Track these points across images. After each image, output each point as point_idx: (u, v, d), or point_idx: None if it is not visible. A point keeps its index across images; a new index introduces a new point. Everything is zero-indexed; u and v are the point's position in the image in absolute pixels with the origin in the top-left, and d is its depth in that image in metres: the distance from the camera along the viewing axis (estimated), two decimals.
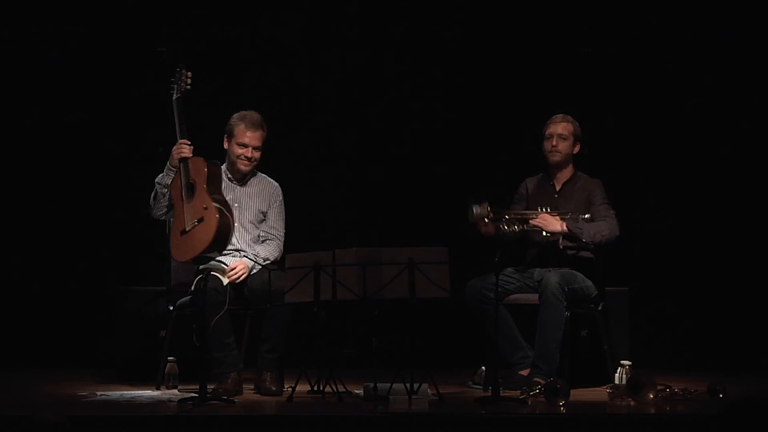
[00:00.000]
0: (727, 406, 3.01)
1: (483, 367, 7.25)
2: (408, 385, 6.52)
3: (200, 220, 6.89)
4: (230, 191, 7.22)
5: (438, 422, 5.99)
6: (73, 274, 8.61)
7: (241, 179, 7.26)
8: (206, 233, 6.86)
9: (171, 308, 7.22)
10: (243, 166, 7.19)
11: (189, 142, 7.06)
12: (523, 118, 8.68)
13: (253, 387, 7.04)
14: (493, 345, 6.81)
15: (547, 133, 7.39)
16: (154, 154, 8.60)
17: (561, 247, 7.23)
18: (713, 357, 8.42)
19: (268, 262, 7.09)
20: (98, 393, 6.86)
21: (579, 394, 6.84)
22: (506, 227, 7.14)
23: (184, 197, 6.99)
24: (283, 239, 7.25)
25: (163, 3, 8.66)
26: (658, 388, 6.51)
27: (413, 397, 6.51)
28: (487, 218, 7.05)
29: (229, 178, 7.25)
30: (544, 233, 7.20)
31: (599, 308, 7.37)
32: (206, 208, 6.89)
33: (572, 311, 7.28)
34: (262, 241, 7.23)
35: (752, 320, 8.56)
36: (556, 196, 7.40)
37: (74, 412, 6.01)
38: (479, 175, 8.54)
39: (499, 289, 6.82)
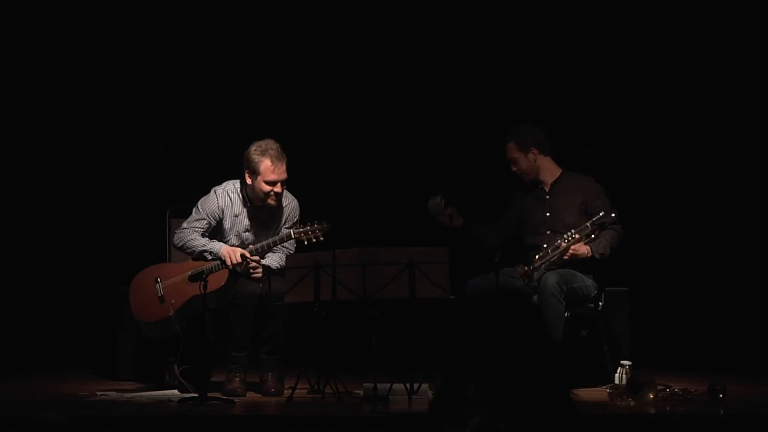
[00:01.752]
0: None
1: None
2: (408, 385, 6.52)
3: (161, 299, 6.91)
4: (246, 212, 7.10)
5: None
6: (73, 274, 8.61)
7: (261, 203, 7.08)
8: (152, 313, 6.92)
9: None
10: (273, 202, 7.02)
11: (247, 256, 6.90)
12: (524, 117, 8.68)
13: (256, 388, 7.03)
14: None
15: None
16: (154, 154, 8.63)
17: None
18: (713, 357, 8.42)
19: (278, 266, 7.07)
20: (98, 393, 6.87)
21: (579, 393, 6.84)
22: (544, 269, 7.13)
23: (188, 275, 6.95)
24: (290, 252, 7.14)
25: (164, 3, 8.66)
26: (658, 388, 6.51)
27: (413, 397, 6.51)
28: (526, 277, 7.08)
29: (249, 205, 7.08)
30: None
31: (599, 308, 7.37)
32: (172, 303, 6.88)
33: (572, 311, 7.28)
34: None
35: (752, 320, 8.56)
36: (547, 197, 7.37)
37: (74, 412, 6.01)
38: (479, 175, 8.54)
39: (500, 285, 6.81)
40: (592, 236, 7.12)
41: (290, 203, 7.16)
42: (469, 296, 7.18)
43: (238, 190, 7.09)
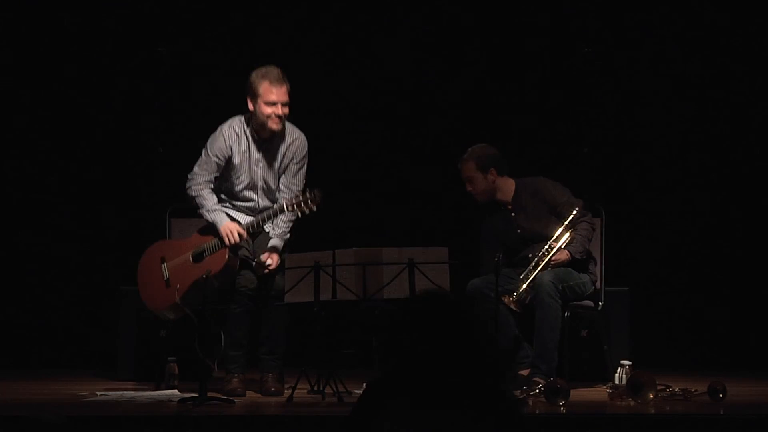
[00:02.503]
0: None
1: None
2: None
3: (167, 283, 6.86)
4: (255, 150, 7.02)
5: None
6: (73, 273, 8.61)
7: (269, 135, 7.01)
8: (162, 300, 6.85)
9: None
10: (275, 125, 6.93)
11: (244, 236, 6.88)
12: (525, 117, 8.69)
13: (256, 388, 7.03)
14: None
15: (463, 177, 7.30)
16: (154, 153, 8.63)
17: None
18: (713, 357, 8.42)
19: (287, 237, 7.02)
20: (98, 393, 6.86)
21: (579, 394, 6.84)
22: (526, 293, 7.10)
23: (192, 254, 6.92)
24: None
25: (164, 3, 8.66)
26: (658, 388, 6.51)
27: None
28: (517, 305, 7.05)
29: (256, 139, 7.01)
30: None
31: (599, 308, 7.37)
32: (177, 288, 6.83)
33: (572, 310, 7.28)
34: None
35: (753, 320, 8.56)
36: (512, 214, 7.29)
37: (74, 412, 6.01)
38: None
39: (499, 288, 6.82)
40: (568, 236, 7.09)
41: (297, 138, 7.07)
42: (469, 297, 7.18)
43: (244, 124, 7.03)
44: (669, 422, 6.06)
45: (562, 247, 7.08)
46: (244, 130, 7.02)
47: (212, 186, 7.04)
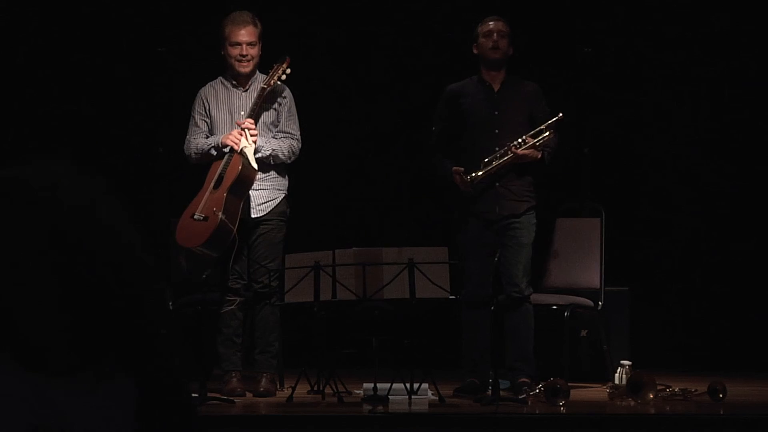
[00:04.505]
0: None
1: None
2: (408, 385, 6.52)
3: (205, 218, 6.73)
4: (235, 98, 7.01)
5: (438, 422, 5.99)
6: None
7: (245, 83, 7.01)
8: (203, 233, 6.74)
9: (171, 307, 7.23)
10: (242, 68, 6.92)
11: (242, 126, 6.82)
12: None
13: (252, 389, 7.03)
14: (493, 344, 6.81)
15: (485, 31, 7.02)
16: (154, 153, 8.63)
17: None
18: (713, 357, 8.42)
19: (273, 155, 6.93)
20: None
21: (579, 394, 6.85)
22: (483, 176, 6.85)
23: (212, 185, 6.84)
24: (299, 138, 7.03)
25: (165, 3, 8.67)
26: (658, 388, 6.51)
27: (413, 397, 6.51)
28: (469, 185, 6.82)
29: (233, 85, 7.01)
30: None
31: (599, 308, 7.37)
32: (215, 211, 6.73)
33: (572, 311, 7.29)
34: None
35: (753, 320, 8.56)
36: (496, 95, 7.02)
37: None
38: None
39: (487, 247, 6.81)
40: (544, 137, 6.91)
41: (276, 86, 6.98)
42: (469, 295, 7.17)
43: (222, 78, 7.05)
44: (669, 422, 6.07)
45: (537, 145, 6.90)
46: (222, 82, 7.04)
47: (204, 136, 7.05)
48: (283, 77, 6.87)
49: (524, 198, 6.98)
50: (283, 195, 7.04)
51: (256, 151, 6.85)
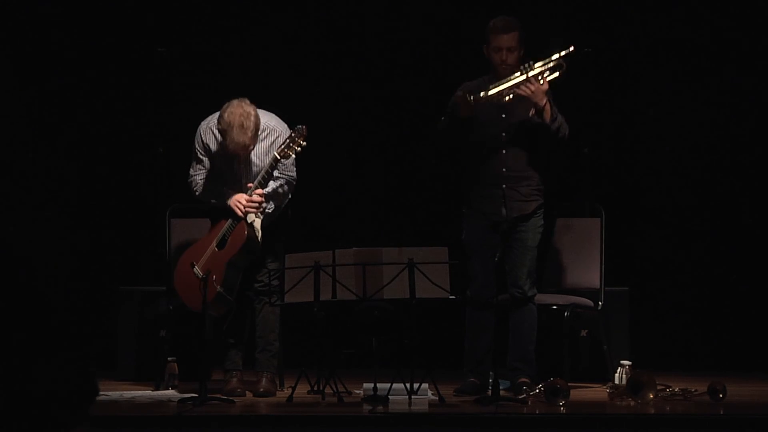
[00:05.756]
0: None
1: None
2: (408, 385, 6.52)
3: (204, 279, 6.58)
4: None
5: (438, 422, 5.99)
6: (73, 273, 8.61)
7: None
8: (200, 298, 6.55)
9: (171, 308, 7.23)
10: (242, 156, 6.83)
11: (251, 199, 6.77)
12: None
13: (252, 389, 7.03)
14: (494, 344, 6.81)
15: (494, 45, 6.90)
16: (154, 153, 8.63)
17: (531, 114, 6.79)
18: (713, 357, 8.42)
19: (282, 190, 6.90)
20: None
21: (579, 394, 6.85)
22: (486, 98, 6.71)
23: (216, 243, 6.81)
24: (295, 177, 6.97)
25: (165, 3, 8.66)
26: (658, 388, 6.51)
27: (413, 397, 6.51)
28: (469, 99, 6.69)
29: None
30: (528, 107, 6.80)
31: (599, 308, 7.38)
32: (214, 281, 6.66)
33: (572, 311, 7.29)
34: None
35: (753, 320, 8.56)
36: (506, 99, 6.90)
37: None
38: None
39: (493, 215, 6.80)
40: (555, 74, 6.81)
41: (269, 133, 6.85)
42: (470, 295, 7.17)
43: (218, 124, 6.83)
44: (669, 422, 6.07)
45: (543, 84, 6.78)
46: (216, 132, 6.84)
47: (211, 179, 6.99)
48: (298, 149, 6.76)
49: (532, 198, 6.97)
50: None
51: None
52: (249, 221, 6.79)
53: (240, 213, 6.77)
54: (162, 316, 7.52)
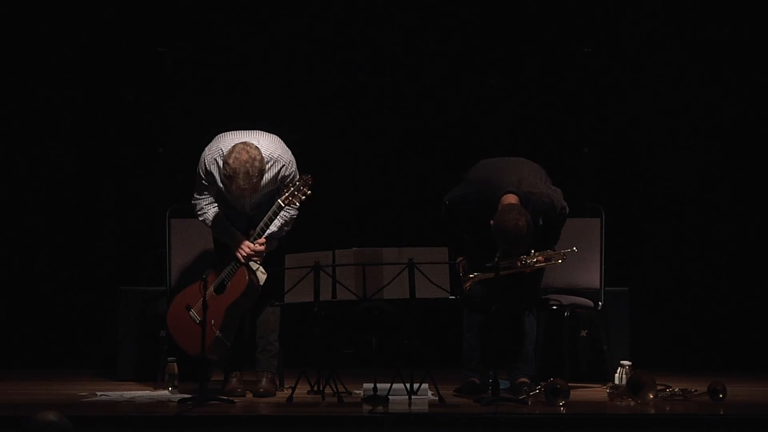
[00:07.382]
0: None
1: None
2: (408, 385, 6.52)
3: (201, 323, 6.57)
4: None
5: (438, 422, 5.99)
6: (73, 274, 8.61)
7: None
8: (197, 341, 6.56)
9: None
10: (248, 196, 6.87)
11: (254, 248, 6.78)
12: (524, 117, 8.69)
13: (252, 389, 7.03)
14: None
15: (501, 246, 6.66)
16: (154, 153, 8.63)
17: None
18: (713, 357, 8.42)
19: (286, 228, 6.93)
20: (98, 393, 6.86)
21: (579, 394, 6.85)
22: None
23: (214, 287, 6.79)
24: (294, 217, 6.97)
25: (165, 4, 8.66)
26: (658, 388, 6.51)
27: (413, 397, 6.51)
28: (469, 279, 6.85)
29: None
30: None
31: (599, 308, 7.38)
32: (213, 325, 6.66)
33: (572, 311, 7.29)
34: None
35: (753, 320, 8.56)
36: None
37: (74, 413, 6.01)
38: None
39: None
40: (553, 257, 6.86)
41: (272, 167, 6.82)
42: (469, 297, 7.17)
43: (221, 162, 6.76)
44: (669, 422, 6.06)
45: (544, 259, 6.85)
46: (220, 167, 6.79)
47: (215, 205, 6.95)
48: (303, 198, 6.77)
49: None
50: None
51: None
52: (252, 268, 6.81)
53: (242, 260, 6.79)
54: (162, 316, 7.52)
